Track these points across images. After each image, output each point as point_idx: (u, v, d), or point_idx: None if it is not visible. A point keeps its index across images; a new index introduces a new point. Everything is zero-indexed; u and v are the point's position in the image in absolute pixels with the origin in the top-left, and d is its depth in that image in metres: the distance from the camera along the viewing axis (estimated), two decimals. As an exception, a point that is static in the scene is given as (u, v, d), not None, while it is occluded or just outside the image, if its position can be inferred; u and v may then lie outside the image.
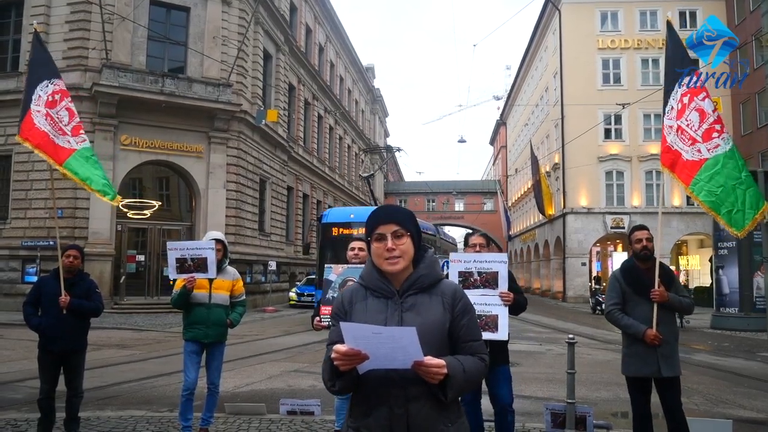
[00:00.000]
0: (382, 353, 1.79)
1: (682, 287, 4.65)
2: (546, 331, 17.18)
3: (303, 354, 11.75)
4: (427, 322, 1.94)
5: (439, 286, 2.06)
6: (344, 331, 1.81)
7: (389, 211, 2.07)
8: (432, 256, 2.12)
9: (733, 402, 7.73)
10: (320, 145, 34.02)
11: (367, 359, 1.80)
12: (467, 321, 2.03)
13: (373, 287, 2.05)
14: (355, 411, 2.01)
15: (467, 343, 2.00)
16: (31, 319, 5.13)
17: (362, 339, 1.77)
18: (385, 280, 2.03)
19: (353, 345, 1.78)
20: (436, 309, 2.00)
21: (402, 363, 1.81)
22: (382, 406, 1.92)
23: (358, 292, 2.09)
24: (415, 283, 2.03)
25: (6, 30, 19.90)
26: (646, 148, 31.83)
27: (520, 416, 5.58)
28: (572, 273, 33.21)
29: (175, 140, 19.87)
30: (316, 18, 33.13)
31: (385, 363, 1.83)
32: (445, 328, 1.99)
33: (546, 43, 39.40)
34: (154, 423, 5.98)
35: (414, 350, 1.77)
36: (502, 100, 62.99)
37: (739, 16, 30.26)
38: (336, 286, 4.76)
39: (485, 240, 4.87)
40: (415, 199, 59.54)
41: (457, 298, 2.04)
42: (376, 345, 1.77)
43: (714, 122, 4.76)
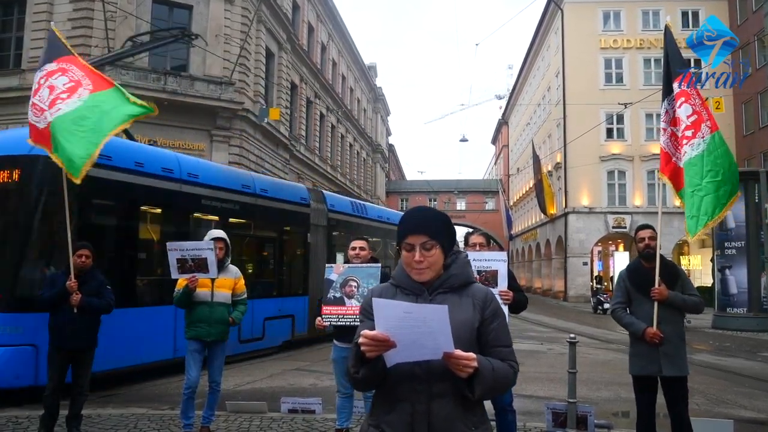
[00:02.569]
0: (410, 339, 1.76)
1: (691, 286, 4.60)
2: (547, 331, 17.18)
3: (304, 353, 11.77)
4: (457, 320, 1.89)
5: (470, 288, 2.05)
6: (375, 308, 1.79)
7: (420, 222, 2.03)
8: (464, 259, 2.10)
9: (734, 402, 7.73)
10: (322, 144, 34.00)
11: (394, 347, 1.77)
12: (497, 325, 2.01)
13: (403, 285, 2.05)
14: (376, 408, 2.00)
15: (496, 348, 1.97)
16: (42, 293, 5.21)
17: (393, 319, 1.75)
18: (413, 279, 2.03)
19: (383, 327, 1.77)
20: (467, 309, 1.98)
21: (431, 353, 1.79)
22: (405, 403, 1.90)
23: (387, 290, 2.08)
24: (446, 282, 2.02)
25: (9, 27, 19.91)
26: (648, 148, 31.79)
27: (521, 415, 5.59)
28: (573, 272, 33.19)
29: (177, 138, 19.85)
30: (318, 17, 33.10)
31: (413, 352, 1.80)
32: (474, 328, 1.96)
33: (548, 42, 39.36)
34: (155, 421, 5.99)
35: (444, 338, 1.75)
36: (504, 99, 63.06)
37: (741, 17, 30.22)
38: (337, 286, 4.75)
39: (485, 239, 4.88)
40: (416, 198, 59.50)
41: (488, 301, 2.03)
42: (405, 328, 1.75)
43: (686, 128, 4.79)
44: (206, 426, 5.37)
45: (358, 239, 5.20)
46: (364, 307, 2.08)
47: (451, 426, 1.88)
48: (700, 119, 4.77)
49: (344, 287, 4.72)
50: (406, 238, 2.01)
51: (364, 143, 46.74)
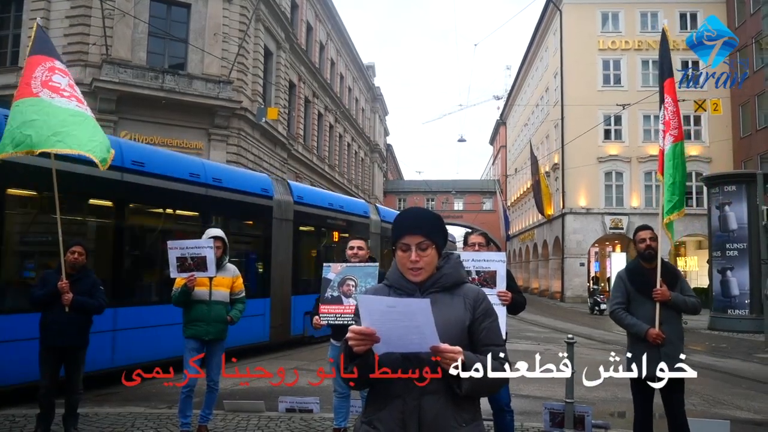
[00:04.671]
0: (396, 334, 1.79)
1: (688, 287, 4.62)
2: (544, 331, 17.20)
3: (302, 352, 11.77)
4: (448, 318, 1.94)
5: (462, 287, 2.07)
6: (360, 304, 1.84)
7: (417, 222, 2.04)
8: (457, 259, 2.13)
9: (731, 403, 7.76)
10: (320, 143, 33.98)
11: (378, 342, 1.81)
12: (488, 324, 2.03)
13: (396, 285, 2.07)
14: (369, 406, 2.02)
15: (488, 347, 1.99)
16: (34, 292, 5.19)
17: (377, 314, 1.78)
18: (408, 280, 2.05)
19: (369, 322, 1.80)
20: (458, 307, 2.00)
21: (418, 346, 1.82)
22: (397, 399, 1.92)
23: (381, 290, 2.12)
24: (438, 281, 2.04)
25: (6, 25, 19.86)
26: (645, 149, 31.86)
27: (519, 415, 5.59)
28: (571, 273, 33.24)
29: (174, 137, 19.82)
30: (317, 16, 33.09)
31: (400, 346, 1.83)
32: (465, 326, 1.98)
33: (547, 43, 39.39)
34: (152, 420, 5.98)
35: (429, 331, 1.78)
36: (502, 99, 63.06)
37: (739, 19, 30.28)
38: (335, 285, 4.75)
39: (485, 239, 4.88)
40: (414, 198, 59.51)
41: (479, 300, 2.04)
42: (390, 321, 1.78)
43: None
44: (204, 425, 5.36)
45: (356, 239, 5.19)
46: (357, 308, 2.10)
47: (442, 422, 1.90)
48: (666, 130, 4.94)
49: (342, 286, 4.72)
50: (401, 238, 2.03)
51: (362, 143, 46.73)
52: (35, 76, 5.36)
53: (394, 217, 11.62)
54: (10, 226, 7.32)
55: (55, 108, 5.20)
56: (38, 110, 5.14)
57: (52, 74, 5.46)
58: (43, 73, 5.42)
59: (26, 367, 5.73)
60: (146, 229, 9.66)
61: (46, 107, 5.17)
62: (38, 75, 5.38)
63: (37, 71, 5.41)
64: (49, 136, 5.00)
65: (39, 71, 5.41)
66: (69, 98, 5.36)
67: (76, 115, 5.26)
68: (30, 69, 5.47)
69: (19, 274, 7.64)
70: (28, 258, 7.96)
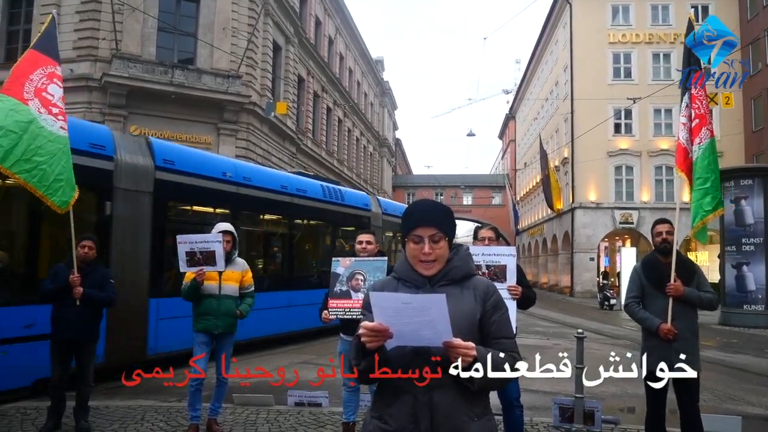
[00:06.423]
0: (409, 329, 1.76)
1: (706, 282, 4.53)
2: (554, 326, 17.15)
3: (311, 346, 11.79)
4: (458, 311, 1.90)
5: (471, 280, 2.05)
6: (373, 300, 1.81)
7: (429, 214, 2.01)
8: (466, 251, 2.10)
9: (742, 398, 7.71)
10: (329, 138, 33.97)
11: (392, 338, 1.78)
12: (499, 317, 2.01)
13: (405, 278, 2.04)
14: (378, 401, 2.00)
15: (498, 339, 1.97)
16: (44, 285, 5.21)
17: (391, 310, 1.76)
18: (417, 272, 2.02)
19: (381, 319, 1.77)
20: (468, 300, 1.98)
21: (430, 342, 1.80)
22: (407, 394, 1.90)
23: (389, 283, 2.09)
24: (447, 274, 2.01)
25: (17, 20, 19.96)
26: (656, 143, 31.64)
27: (528, 410, 5.57)
28: (580, 268, 33.11)
29: (184, 131, 19.87)
30: (326, 10, 33.02)
31: (413, 341, 1.81)
32: (476, 319, 1.96)
33: (556, 37, 39.14)
34: (162, 413, 6.02)
35: (443, 327, 1.75)
36: (511, 94, 62.66)
37: (751, 12, 29.95)
38: (344, 279, 4.75)
39: (495, 233, 4.85)
40: (423, 193, 59.43)
41: (490, 293, 2.02)
42: (404, 318, 1.75)
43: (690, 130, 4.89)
44: (213, 418, 5.38)
45: (364, 233, 5.18)
46: (366, 299, 2.08)
47: (454, 416, 1.88)
48: (702, 123, 4.80)
49: (351, 280, 4.71)
50: (414, 230, 1.99)
51: (370, 137, 46.69)
52: (32, 78, 5.21)
53: (395, 209, 10.92)
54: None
55: (38, 129, 4.99)
56: (20, 123, 4.89)
57: (49, 82, 5.30)
58: (41, 78, 5.26)
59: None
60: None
61: (30, 124, 4.95)
62: (35, 78, 5.22)
63: (36, 73, 5.27)
64: (19, 160, 4.83)
65: (37, 74, 5.26)
66: (56, 117, 5.19)
67: (55, 141, 5.09)
68: (29, 65, 5.32)
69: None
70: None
